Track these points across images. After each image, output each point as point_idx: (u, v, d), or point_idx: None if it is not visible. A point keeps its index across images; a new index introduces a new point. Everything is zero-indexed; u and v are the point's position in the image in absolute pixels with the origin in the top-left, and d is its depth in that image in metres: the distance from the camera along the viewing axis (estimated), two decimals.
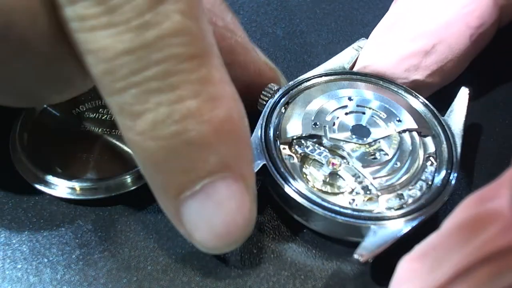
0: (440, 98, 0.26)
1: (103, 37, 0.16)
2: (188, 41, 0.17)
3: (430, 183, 0.22)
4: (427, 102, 0.25)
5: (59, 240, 0.22)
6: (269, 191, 0.23)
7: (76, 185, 0.23)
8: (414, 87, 0.25)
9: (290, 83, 0.25)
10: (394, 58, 0.25)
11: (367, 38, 0.27)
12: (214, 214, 0.19)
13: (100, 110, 0.27)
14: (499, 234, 0.16)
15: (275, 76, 0.26)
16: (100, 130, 0.26)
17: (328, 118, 0.24)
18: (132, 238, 0.22)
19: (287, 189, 0.21)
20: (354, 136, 0.24)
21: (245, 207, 0.19)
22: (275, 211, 0.24)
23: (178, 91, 0.17)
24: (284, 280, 0.21)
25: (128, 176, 0.23)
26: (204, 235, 0.19)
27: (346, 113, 0.24)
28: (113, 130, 0.26)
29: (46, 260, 0.22)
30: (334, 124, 0.24)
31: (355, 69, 0.26)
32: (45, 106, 0.26)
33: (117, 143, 0.25)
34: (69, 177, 0.24)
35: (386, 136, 0.24)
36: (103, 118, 0.26)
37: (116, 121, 0.18)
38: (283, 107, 0.24)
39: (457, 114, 0.24)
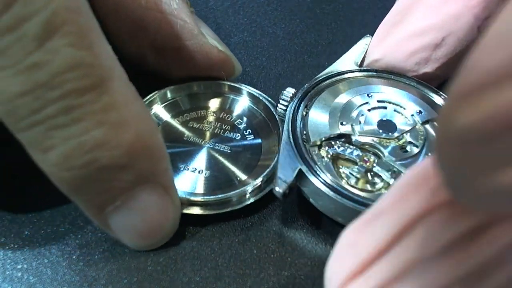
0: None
1: None
2: (84, 73, 0.17)
3: None
4: (439, 91, 0.25)
5: (59, 240, 0.22)
6: (302, 194, 0.22)
7: None
8: (424, 79, 0.26)
9: (306, 85, 0.25)
10: (405, 52, 0.25)
11: (371, 36, 0.27)
12: (139, 221, 0.21)
13: (204, 121, 0.26)
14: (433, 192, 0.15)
15: (225, 58, 0.26)
16: (202, 141, 0.25)
17: (353, 115, 0.24)
18: None
19: (327, 190, 0.21)
20: (381, 131, 0.24)
21: (166, 209, 0.21)
22: (310, 219, 0.23)
23: (82, 123, 0.17)
24: (284, 280, 0.21)
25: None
26: (133, 239, 0.21)
27: (369, 110, 0.25)
28: (211, 141, 0.25)
29: (46, 260, 0.22)
30: (360, 121, 0.24)
31: (364, 64, 0.27)
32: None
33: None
34: None
35: (412, 129, 0.24)
36: (206, 129, 0.26)
37: (29, 152, 0.18)
38: (304, 110, 0.24)
39: None
